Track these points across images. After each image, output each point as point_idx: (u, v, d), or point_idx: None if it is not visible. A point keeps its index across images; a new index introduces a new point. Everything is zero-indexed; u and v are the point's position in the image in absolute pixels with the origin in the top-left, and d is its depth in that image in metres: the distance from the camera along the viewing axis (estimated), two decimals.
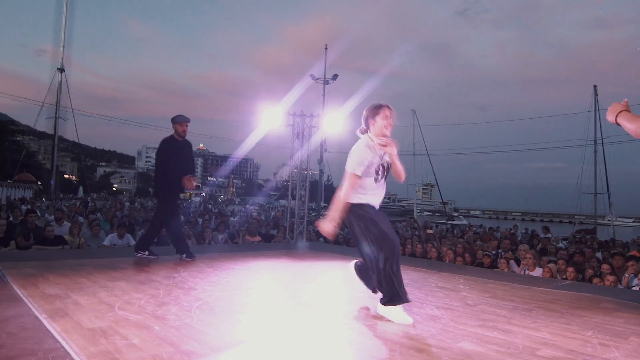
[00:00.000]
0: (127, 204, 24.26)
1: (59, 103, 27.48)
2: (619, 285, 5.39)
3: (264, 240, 8.68)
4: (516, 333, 2.68)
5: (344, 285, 3.63)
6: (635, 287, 5.25)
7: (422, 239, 9.88)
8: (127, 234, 6.95)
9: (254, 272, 4.74)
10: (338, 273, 4.81)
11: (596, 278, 5.63)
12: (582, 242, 10.85)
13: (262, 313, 3.09)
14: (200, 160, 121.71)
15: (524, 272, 6.11)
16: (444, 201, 55.99)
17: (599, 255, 7.72)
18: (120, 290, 3.35)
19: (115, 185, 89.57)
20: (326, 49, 28.28)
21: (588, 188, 33.00)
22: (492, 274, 5.35)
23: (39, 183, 37.03)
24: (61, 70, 27.34)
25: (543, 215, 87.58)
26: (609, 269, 5.62)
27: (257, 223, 10.24)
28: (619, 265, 5.92)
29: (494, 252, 7.52)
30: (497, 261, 6.83)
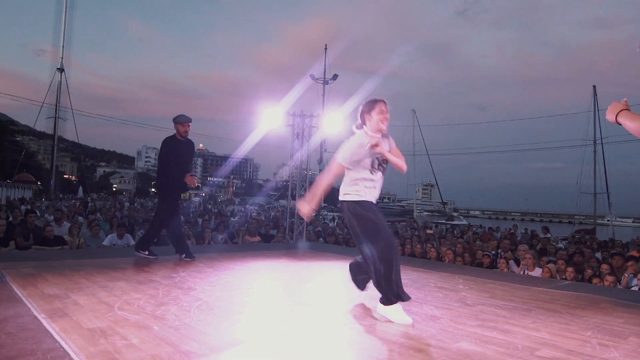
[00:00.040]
0: (127, 204, 24.28)
1: (59, 103, 27.51)
2: (619, 285, 5.39)
3: (264, 240, 8.68)
4: (515, 333, 2.68)
5: (344, 285, 3.63)
6: (635, 287, 5.26)
7: (422, 239, 9.88)
8: (126, 234, 6.95)
9: (253, 272, 4.74)
10: (338, 273, 4.81)
11: (596, 278, 5.64)
12: (581, 242, 10.84)
13: (261, 313, 3.09)
14: (200, 160, 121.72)
15: (524, 272, 6.11)
16: (444, 201, 56.07)
17: (599, 255, 7.72)
18: (120, 290, 3.35)
19: (115, 186, 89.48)
20: (326, 49, 28.29)
21: (587, 188, 33.07)
22: (491, 274, 5.35)
23: (39, 183, 37.03)
24: (61, 70, 27.36)
25: (543, 216, 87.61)
26: (608, 269, 5.63)
27: (257, 223, 10.25)
28: (618, 265, 5.92)
29: (493, 252, 7.52)
30: (497, 261, 6.84)
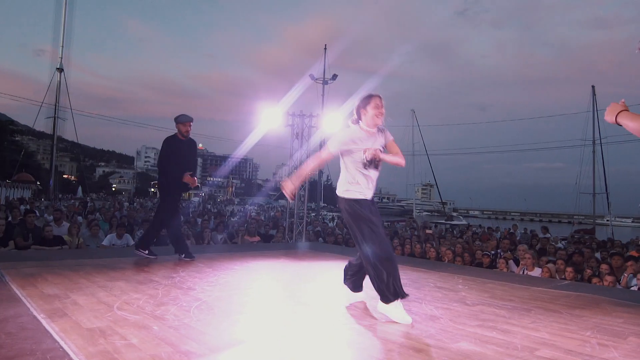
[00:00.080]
0: (126, 204, 24.29)
1: (58, 103, 27.56)
2: (618, 285, 5.39)
3: (263, 240, 8.68)
4: (515, 333, 2.68)
5: (343, 286, 3.63)
6: (634, 287, 5.26)
7: (421, 239, 9.88)
8: (126, 234, 6.95)
9: (253, 272, 4.74)
10: (337, 273, 4.79)
11: (595, 278, 5.64)
12: (581, 242, 10.85)
13: (261, 313, 3.09)
14: (199, 161, 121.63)
15: (523, 272, 6.11)
16: (443, 201, 56.05)
17: (598, 255, 7.72)
18: (119, 290, 3.34)
19: (114, 186, 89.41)
20: (325, 49, 28.35)
21: (587, 188, 33.09)
22: (491, 274, 5.36)
23: (38, 183, 36.99)
24: (60, 70, 27.38)
25: (542, 215, 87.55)
26: (607, 269, 5.63)
27: (256, 223, 10.24)
28: (617, 265, 5.92)
29: (493, 252, 7.52)
30: (496, 261, 6.84)
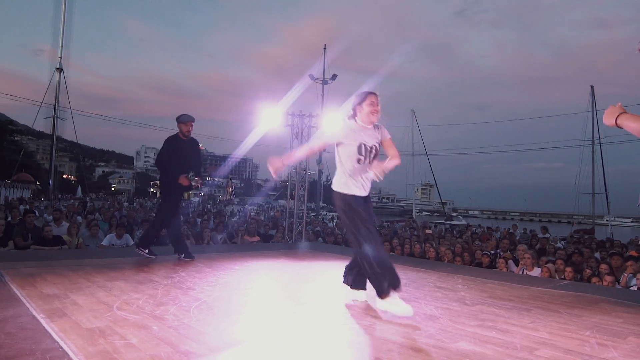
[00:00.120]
0: (126, 204, 24.30)
1: (58, 103, 27.51)
2: (617, 285, 5.40)
3: (263, 240, 8.68)
4: (514, 333, 2.68)
5: (343, 285, 3.63)
6: (634, 287, 5.26)
7: (421, 239, 9.88)
8: (125, 234, 6.94)
9: (252, 272, 4.74)
10: (337, 273, 4.78)
11: (594, 278, 5.64)
12: (580, 242, 10.86)
13: (260, 313, 3.09)
14: None
15: (523, 272, 6.12)
16: (443, 201, 56.06)
17: (597, 255, 7.73)
18: (119, 290, 3.34)
19: (113, 186, 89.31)
20: (325, 49, 28.34)
21: (586, 188, 33.04)
22: (490, 274, 5.36)
23: (38, 183, 36.99)
24: (60, 70, 27.35)
25: (542, 215, 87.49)
26: (607, 269, 5.63)
27: (256, 223, 10.25)
28: (617, 265, 5.92)
29: (492, 252, 7.52)
30: (496, 261, 6.84)
